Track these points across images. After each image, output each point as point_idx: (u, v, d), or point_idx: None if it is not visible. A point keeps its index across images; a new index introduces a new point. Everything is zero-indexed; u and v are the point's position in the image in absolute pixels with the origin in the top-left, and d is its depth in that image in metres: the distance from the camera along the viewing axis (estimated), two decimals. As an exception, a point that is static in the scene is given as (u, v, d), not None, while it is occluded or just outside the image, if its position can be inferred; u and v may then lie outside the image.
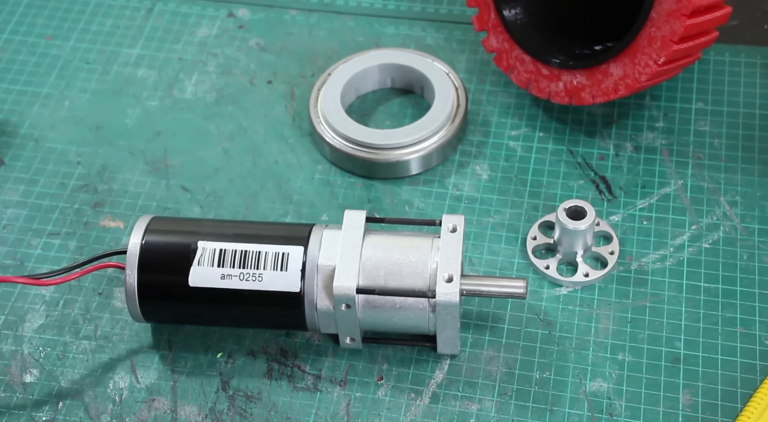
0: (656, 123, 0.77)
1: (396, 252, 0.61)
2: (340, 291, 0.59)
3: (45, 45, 0.86)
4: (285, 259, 0.61)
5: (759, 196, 0.72)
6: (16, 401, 0.64)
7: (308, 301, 0.61)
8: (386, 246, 0.61)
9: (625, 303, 0.67)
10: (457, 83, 0.76)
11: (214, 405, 0.63)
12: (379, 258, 0.61)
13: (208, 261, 0.61)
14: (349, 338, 0.63)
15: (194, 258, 0.61)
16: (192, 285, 0.61)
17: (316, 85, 0.78)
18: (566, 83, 0.73)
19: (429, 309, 0.60)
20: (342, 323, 0.61)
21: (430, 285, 0.60)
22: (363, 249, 0.61)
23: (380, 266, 0.60)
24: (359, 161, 0.73)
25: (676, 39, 0.66)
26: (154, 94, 0.81)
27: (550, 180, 0.74)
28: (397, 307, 0.61)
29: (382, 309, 0.61)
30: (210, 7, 0.88)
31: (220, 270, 0.61)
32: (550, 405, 0.62)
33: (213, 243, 0.62)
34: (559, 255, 0.68)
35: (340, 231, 0.62)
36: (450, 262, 0.60)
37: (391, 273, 0.60)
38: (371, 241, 0.62)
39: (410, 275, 0.60)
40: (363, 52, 0.80)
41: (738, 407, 0.61)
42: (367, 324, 0.62)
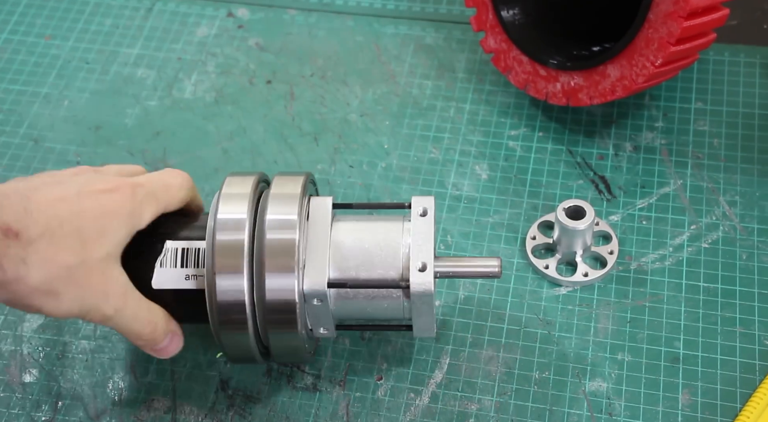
0: (655, 123, 0.77)
1: (366, 240, 0.58)
2: (311, 286, 0.56)
3: (44, 45, 0.86)
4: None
5: (758, 195, 0.72)
6: (16, 401, 0.64)
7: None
8: (355, 234, 0.59)
9: (625, 302, 0.67)
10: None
11: (213, 405, 0.63)
12: (349, 248, 0.58)
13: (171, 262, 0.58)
14: (323, 328, 0.60)
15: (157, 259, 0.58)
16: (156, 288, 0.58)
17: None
18: (564, 84, 0.73)
19: (403, 298, 0.58)
20: (314, 316, 0.58)
21: (403, 274, 0.57)
22: (332, 240, 0.58)
23: (350, 257, 0.58)
24: None
25: (674, 41, 0.66)
26: (153, 94, 0.81)
27: (549, 180, 0.74)
28: (370, 298, 0.58)
29: (355, 300, 0.58)
30: (209, 7, 0.88)
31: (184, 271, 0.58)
32: (549, 404, 0.62)
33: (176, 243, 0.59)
34: (559, 254, 0.68)
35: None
36: (422, 249, 0.57)
37: (362, 264, 0.58)
38: (340, 230, 0.59)
39: (382, 265, 0.58)
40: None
41: (737, 407, 0.61)
42: (341, 315, 0.60)
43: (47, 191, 0.53)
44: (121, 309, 0.55)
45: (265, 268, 0.56)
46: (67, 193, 0.54)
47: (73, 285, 0.53)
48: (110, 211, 0.55)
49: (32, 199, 0.52)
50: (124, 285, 0.56)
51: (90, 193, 0.54)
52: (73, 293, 0.53)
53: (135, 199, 0.56)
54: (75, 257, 0.52)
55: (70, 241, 0.52)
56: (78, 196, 0.54)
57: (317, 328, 0.60)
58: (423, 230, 0.58)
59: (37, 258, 0.51)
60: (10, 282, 0.51)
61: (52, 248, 0.52)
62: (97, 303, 0.54)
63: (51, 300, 0.53)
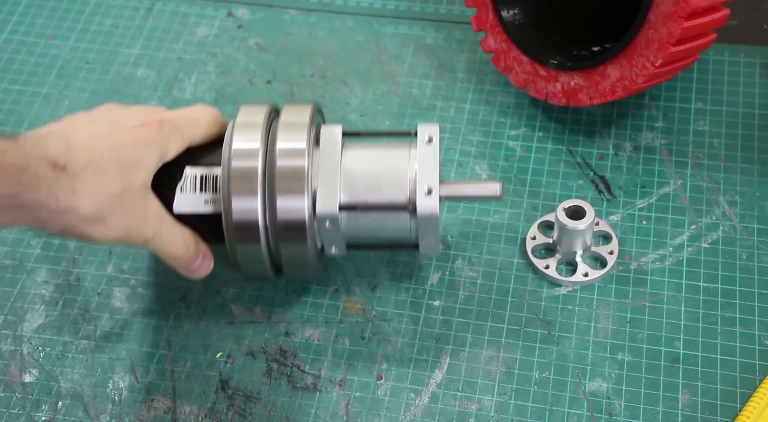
0: (655, 123, 0.77)
1: (374, 165, 0.62)
2: (323, 209, 0.60)
3: (44, 44, 0.86)
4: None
5: (758, 195, 0.72)
6: (16, 401, 0.64)
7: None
8: (365, 159, 0.62)
9: (625, 302, 0.67)
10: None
11: (213, 405, 0.63)
12: (359, 172, 0.62)
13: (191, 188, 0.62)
14: (335, 248, 0.63)
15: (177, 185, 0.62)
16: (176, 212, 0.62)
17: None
18: (564, 84, 0.73)
19: (410, 220, 0.62)
20: (327, 237, 0.62)
21: (410, 197, 0.61)
22: (342, 166, 0.62)
23: (360, 181, 0.62)
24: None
25: (674, 41, 0.66)
26: (153, 94, 0.81)
27: (549, 180, 0.74)
28: (379, 220, 0.62)
29: (364, 222, 0.62)
30: (209, 7, 0.88)
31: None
32: (549, 404, 0.62)
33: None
34: (559, 254, 0.68)
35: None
36: (428, 174, 0.61)
37: (371, 188, 0.61)
38: (349, 156, 0.62)
39: (390, 189, 0.61)
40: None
41: (737, 407, 0.62)
42: (351, 236, 0.63)
43: (84, 129, 0.58)
44: (158, 232, 0.60)
45: (276, 191, 0.60)
46: (102, 129, 0.58)
47: (118, 212, 0.57)
48: (142, 143, 0.59)
49: (72, 136, 0.56)
50: (158, 209, 0.60)
51: (123, 128, 0.59)
52: (119, 219, 0.57)
53: (163, 133, 0.60)
54: (118, 186, 0.57)
55: (111, 172, 0.57)
56: (112, 131, 0.58)
57: (329, 248, 0.63)
58: (429, 156, 0.62)
59: (85, 188, 0.55)
60: (62, 213, 0.55)
61: (98, 178, 0.56)
62: (139, 227, 0.59)
63: (100, 228, 0.57)
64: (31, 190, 0.53)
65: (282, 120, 0.62)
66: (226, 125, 0.64)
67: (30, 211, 0.54)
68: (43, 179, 0.53)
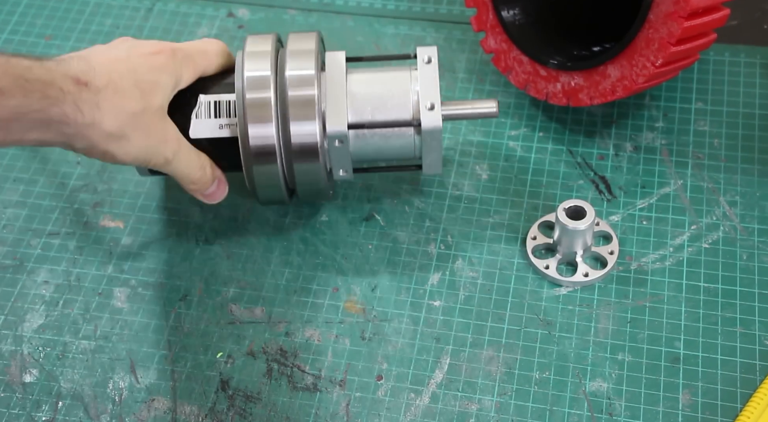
0: (656, 123, 0.77)
1: (378, 87, 0.66)
2: (333, 128, 0.64)
3: (45, 45, 0.86)
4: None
5: (759, 195, 0.72)
6: (16, 401, 0.64)
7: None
8: (369, 82, 0.66)
9: (625, 303, 0.67)
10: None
11: (213, 405, 0.63)
12: (364, 94, 0.65)
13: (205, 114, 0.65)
14: (342, 170, 0.67)
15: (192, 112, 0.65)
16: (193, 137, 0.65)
17: None
18: (564, 84, 0.73)
19: (415, 135, 0.65)
20: (335, 157, 0.66)
21: (414, 115, 0.65)
22: (348, 89, 0.65)
23: (366, 102, 0.65)
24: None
25: (674, 41, 0.66)
26: (153, 94, 0.81)
27: (549, 180, 0.74)
28: (385, 137, 0.66)
29: (371, 140, 0.66)
30: (209, 7, 0.88)
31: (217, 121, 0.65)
32: (549, 405, 0.62)
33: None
34: (559, 255, 0.68)
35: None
36: (430, 92, 0.65)
37: (377, 108, 0.65)
38: (354, 80, 0.66)
39: (395, 107, 0.65)
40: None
41: (738, 407, 0.61)
42: (359, 155, 0.67)
43: (102, 54, 0.61)
44: (177, 153, 0.63)
45: (290, 118, 0.64)
46: (120, 55, 0.61)
47: (140, 130, 0.60)
48: (157, 68, 0.62)
49: (92, 58, 0.59)
50: (177, 132, 0.63)
51: (138, 54, 0.62)
52: (140, 138, 0.60)
53: (176, 60, 0.63)
54: (138, 104, 0.60)
55: (131, 91, 0.59)
56: (129, 56, 0.61)
57: (337, 170, 0.67)
58: (429, 76, 0.66)
59: (107, 104, 0.58)
60: (88, 127, 0.57)
61: (118, 96, 0.59)
62: (159, 147, 0.62)
63: (123, 145, 0.59)
64: (57, 104, 0.56)
65: (289, 48, 0.66)
66: (232, 57, 0.67)
67: (57, 127, 0.57)
68: (68, 94, 0.56)
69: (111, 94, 0.58)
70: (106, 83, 0.58)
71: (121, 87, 0.59)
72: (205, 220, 0.73)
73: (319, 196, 0.69)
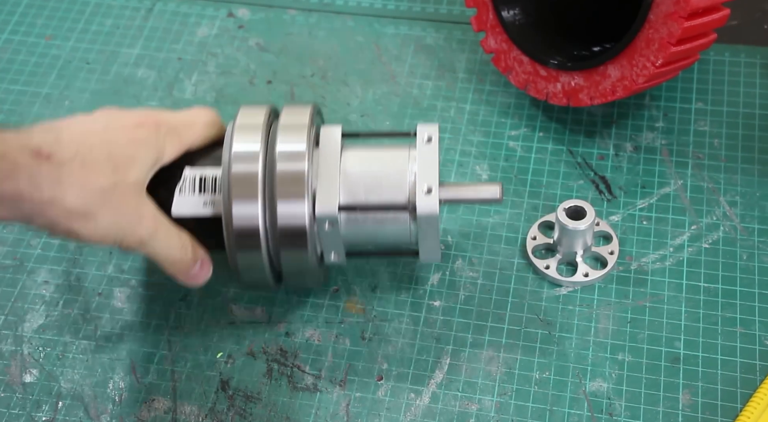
0: (656, 123, 0.77)
1: (374, 166, 0.62)
2: (322, 210, 0.60)
3: (45, 45, 0.86)
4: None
5: (759, 196, 0.72)
6: (16, 401, 0.64)
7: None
8: (364, 160, 0.62)
9: (625, 303, 0.67)
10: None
11: (213, 405, 0.63)
12: (358, 173, 0.61)
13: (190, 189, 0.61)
14: (334, 254, 0.62)
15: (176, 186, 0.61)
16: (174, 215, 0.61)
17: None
18: (564, 84, 0.73)
19: (410, 221, 0.61)
20: (326, 240, 0.61)
21: (410, 198, 0.60)
22: (341, 167, 0.61)
23: (360, 182, 0.61)
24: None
25: (674, 41, 0.66)
26: (153, 94, 0.81)
27: (549, 180, 0.74)
28: (379, 222, 0.61)
29: (364, 224, 0.61)
30: (210, 7, 0.88)
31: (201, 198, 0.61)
32: (549, 405, 0.62)
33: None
34: (559, 255, 0.68)
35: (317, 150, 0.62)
36: (428, 173, 0.60)
37: (371, 189, 0.61)
38: (348, 157, 0.62)
39: (390, 189, 0.61)
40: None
41: (738, 407, 0.61)
42: (351, 239, 0.62)
43: (77, 125, 0.57)
44: (154, 233, 0.58)
45: (276, 196, 0.59)
46: (96, 126, 0.57)
47: (109, 208, 0.55)
48: (137, 142, 0.58)
49: (63, 129, 0.55)
50: (154, 211, 0.59)
51: (117, 127, 0.58)
52: (109, 216, 0.56)
53: (159, 134, 0.59)
54: (108, 180, 0.55)
55: (102, 165, 0.55)
56: (106, 129, 0.58)
57: (328, 254, 0.62)
58: (428, 156, 0.61)
59: (71, 179, 0.54)
60: (46, 204, 0.53)
61: (86, 170, 0.54)
62: (132, 227, 0.57)
63: (88, 223, 0.55)
64: (11, 178, 0.52)
65: (282, 122, 0.62)
66: (224, 128, 0.63)
67: (11, 203, 0.53)
68: (23, 167, 0.52)
69: (77, 167, 0.54)
70: (72, 155, 0.54)
71: (91, 160, 0.55)
72: (205, 220, 0.73)
73: (309, 281, 0.64)
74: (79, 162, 0.54)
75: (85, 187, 0.54)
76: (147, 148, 0.58)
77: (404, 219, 0.61)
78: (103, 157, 0.55)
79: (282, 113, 0.63)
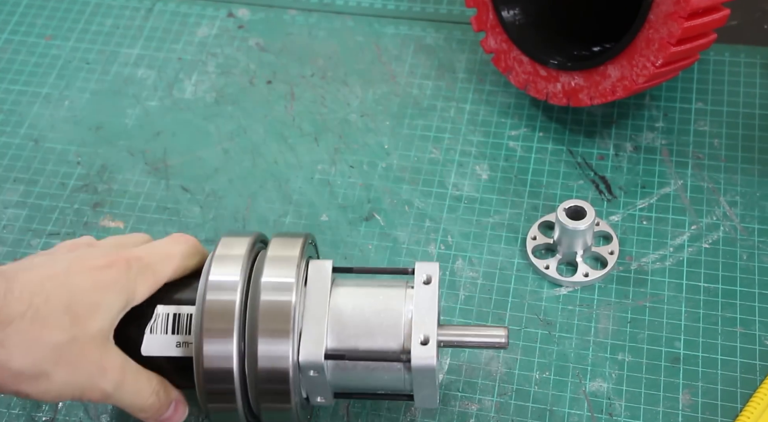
0: (656, 123, 0.77)
1: (367, 307, 0.55)
2: (306, 358, 0.53)
3: (45, 45, 0.86)
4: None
5: (759, 196, 0.72)
6: (17, 401, 0.64)
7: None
8: (356, 300, 0.56)
9: (625, 303, 0.67)
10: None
11: (214, 405, 0.63)
12: (349, 316, 0.55)
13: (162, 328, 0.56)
14: (320, 397, 0.57)
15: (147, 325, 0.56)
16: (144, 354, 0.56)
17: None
18: (564, 84, 0.73)
19: (404, 370, 0.55)
20: (310, 386, 0.56)
21: (405, 346, 0.54)
22: (330, 306, 0.55)
23: (350, 326, 0.55)
24: None
25: (674, 41, 0.66)
26: (153, 94, 0.81)
27: (549, 180, 0.74)
28: (370, 369, 0.55)
29: (354, 371, 0.55)
30: (210, 7, 0.88)
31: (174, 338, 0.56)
32: (549, 405, 0.62)
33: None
34: (559, 255, 0.68)
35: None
36: (425, 320, 0.54)
37: (362, 334, 0.55)
38: (339, 295, 0.56)
39: (383, 335, 0.55)
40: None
41: (738, 407, 0.61)
42: (339, 385, 0.57)
43: (35, 270, 0.52)
44: (121, 384, 0.53)
45: (258, 333, 0.53)
46: (57, 270, 0.52)
47: (64, 364, 0.50)
48: (103, 286, 0.52)
49: (16, 279, 0.50)
50: (121, 359, 0.53)
51: (81, 269, 0.53)
52: (65, 373, 0.51)
53: (130, 274, 0.54)
54: (64, 334, 0.50)
55: (57, 318, 0.50)
56: (68, 272, 0.52)
57: (314, 397, 0.57)
58: (426, 299, 0.55)
59: (18, 339, 0.49)
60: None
61: (37, 326, 0.49)
62: (93, 380, 0.52)
63: (41, 383, 0.50)
64: None
65: (269, 253, 0.56)
66: (206, 255, 0.58)
67: None
68: None
69: (26, 325, 0.49)
70: (22, 312, 0.49)
71: (45, 312, 0.49)
72: (206, 220, 0.72)
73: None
74: (30, 316, 0.49)
75: (35, 344, 0.49)
76: (115, 292, 0.53)
77: (397, 369, 0.55)
78: (60, 308, 0.50)
79: (271, 244, 0.57)
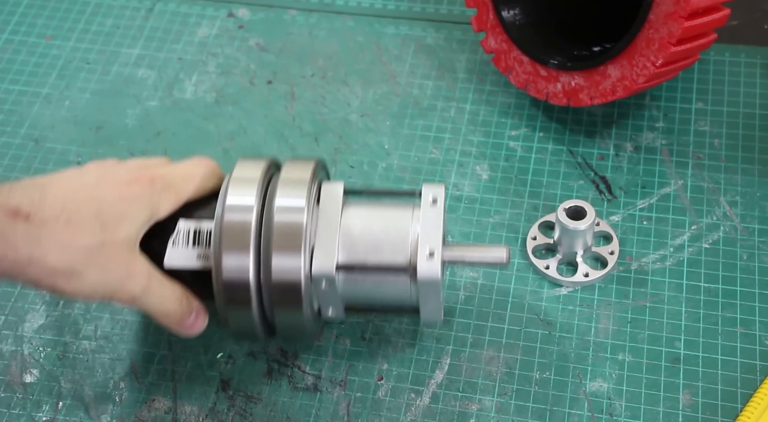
0: (656, 123, 0.77)
1: (375, 225, 0.59)
2: (319, 268, 0.58)
3: (45, 45, 0.86)
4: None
5: (759, 196, 0.72)
6: (17, 401, 0.64)
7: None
8: (365, 219, 0.60)
9: (625, 303, 0.67)
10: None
11: (214, 406, 0.63)
12: (359, 233, 0.59)
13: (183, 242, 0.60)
14: (332, 310, 0.61)
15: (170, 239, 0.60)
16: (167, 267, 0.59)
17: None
18: (564, 84, 0.73)
19: (411, 283, 0.59)
20: (323, 297, 0.60)
21: (411, 260, 0.58)
22: (342, 225, 0.59)
23: (359, 241, 0.59)
24: None
25: (674, 41, 0.66)
26: (154, 94, 0.81)
27: (550, 180, 0.74)
28: (378, 283, 0.59)
29: (363, 284, 0.59)
30: (210, 7, 0.88)
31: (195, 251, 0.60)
32: (550, 405, 0.62)
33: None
34: (559, 255, 0.68)
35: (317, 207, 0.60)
36: (431, 236, 0.58)
37: (371, 249, 0.59)
38: (350, 215, 0.60)
39: (390, 249, 0.59)
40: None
41: (738, 407, 0.61)
42: (349, 298, 0.60)
43: (67, 181, 0.56)
44: (147, 288, 0.57)
45: (272, 249, 0.57)
46: (87, 182, 0.57)
47: (95, 266, 0.54)
48: (129, 199, 0.57)
49: (49, 186, 0.55)
50: (147, 266, 0.57)
51: (109, 183, 0.57)
52: (96, 273, 0.55)
53: (154, 190, 0.58)
54: (94, 238, 0.54)
55: (88, 224, 0.54)
56: (97, 185, 0.57)
57: (326, 310, 0.61)
58: (432, 218, 0.59)
59: (52, 239, 0.53)
60: (25, 264, 0.53)
61: (70, 229, 0.53)
62: (123, 283, 0.56)
63: (74, 281, 0.54)
64: None
65: (282, 176, 0.60)
66: (223, 178, 0.62)
67: None
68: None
69: (61, 227, 0.53)
70: (56, 215, 0.53)
71: (76, 219, 0.54)
72: (206, 220, 0.73)
73: (305, 337, 0.63)
74: (64, 220, 0.53)
75: (68, 246, 0.53)
76: (140, 205, 0.57)
77: (404, 282, 0.59)
78: (90, 215, 0.54)
79: (283, 167, 0.61)
